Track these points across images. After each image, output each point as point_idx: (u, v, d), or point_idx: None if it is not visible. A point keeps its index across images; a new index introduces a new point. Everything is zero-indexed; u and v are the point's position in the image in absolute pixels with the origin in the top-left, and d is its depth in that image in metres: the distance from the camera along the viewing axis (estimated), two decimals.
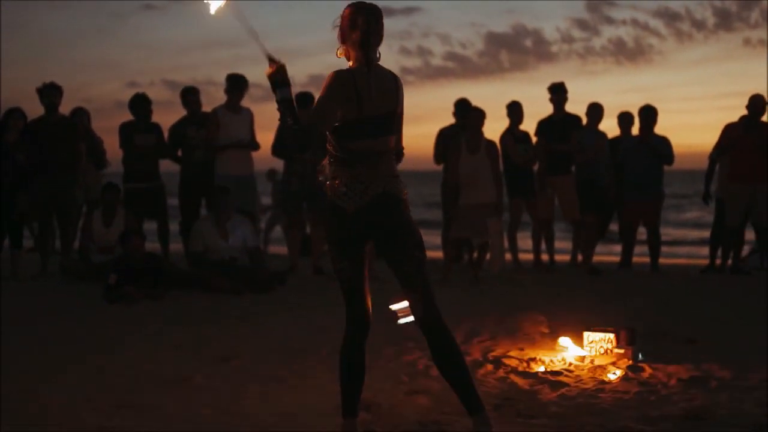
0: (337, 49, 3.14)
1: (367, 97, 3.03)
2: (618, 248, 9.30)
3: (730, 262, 8.36)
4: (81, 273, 7.28)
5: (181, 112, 8.08)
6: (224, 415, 3.70)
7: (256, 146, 7.82)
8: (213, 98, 8.20)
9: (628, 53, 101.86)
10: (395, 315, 3.27)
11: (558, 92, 8.22)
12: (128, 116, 8.05)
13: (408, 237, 3.11)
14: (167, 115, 45.06)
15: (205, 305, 6.34)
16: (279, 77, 3.00)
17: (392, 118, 3.13)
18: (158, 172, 8.13)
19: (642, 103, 8.84)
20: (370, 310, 3.21)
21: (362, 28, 3.06)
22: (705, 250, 15.60)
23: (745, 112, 8.10)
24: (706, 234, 18.15)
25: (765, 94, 8.04)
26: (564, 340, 4.82)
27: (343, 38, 3.11)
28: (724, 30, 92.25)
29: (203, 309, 6.20)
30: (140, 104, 7.96)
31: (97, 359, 4.67)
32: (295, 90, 6.20)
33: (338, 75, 3.03)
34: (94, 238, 7.43)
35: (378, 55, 3.12)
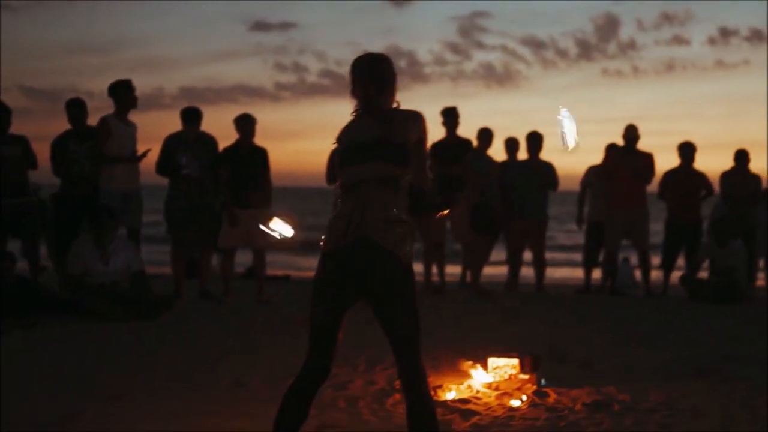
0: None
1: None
2: (504, 270, 9.48)
3: (608, 283, 8.76)
4: None
5: (40, 121, 7.66)
6: None
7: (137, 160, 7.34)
8: None
9: (497, 77, 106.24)
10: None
11: (450, 116, 8.31)
12: None
13: (392, 302, 2.79)
14: (25, 125, 42.44)
15: (86, 334, 5.86)
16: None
17: (371, 146, 2.89)
18: (28, 186, 7.54)
19: (511, 126, 9.23)
20: (332, 360, 2.92)
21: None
22: (563, 271, 16.44)
23: (606, 137, 8.66)
24: (559, 255, 19.12)
25: (624, 122, 8.69)
26: (471, 367, 4.78)
27: None
28: (585, 60, 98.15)
29: (84, 339, 5.73)
30: (2, 114, 7.36)
31: None
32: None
33: None
34: None
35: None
